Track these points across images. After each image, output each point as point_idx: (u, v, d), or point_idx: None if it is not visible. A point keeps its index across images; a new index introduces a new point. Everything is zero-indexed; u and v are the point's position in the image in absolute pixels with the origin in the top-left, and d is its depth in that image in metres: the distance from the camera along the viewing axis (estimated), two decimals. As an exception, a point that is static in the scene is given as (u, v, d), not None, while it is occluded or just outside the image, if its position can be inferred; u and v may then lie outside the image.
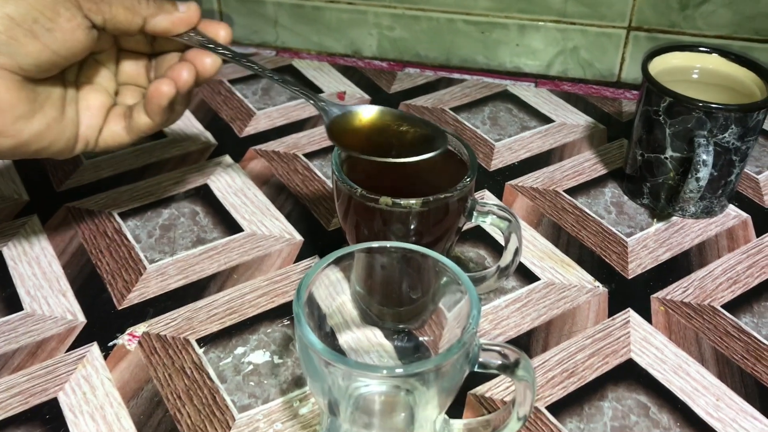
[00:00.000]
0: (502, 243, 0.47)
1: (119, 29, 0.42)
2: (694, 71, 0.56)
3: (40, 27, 0.38)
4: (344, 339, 0.40)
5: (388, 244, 0.37)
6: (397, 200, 0.39)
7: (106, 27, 0.41)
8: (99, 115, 0.45)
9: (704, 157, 0.49)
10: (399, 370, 0.31)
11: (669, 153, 0.53)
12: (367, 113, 0.44)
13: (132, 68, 0.47)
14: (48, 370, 0.43)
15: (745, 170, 0.61)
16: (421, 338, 0.43)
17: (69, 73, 0.44)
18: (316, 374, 0.33)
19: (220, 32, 0.45)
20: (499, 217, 0.43)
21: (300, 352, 0.33)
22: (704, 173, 0.49)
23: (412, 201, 0.40)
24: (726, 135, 0.51)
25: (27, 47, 0.38)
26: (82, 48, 0.41)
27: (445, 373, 0.32)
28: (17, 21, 0.37)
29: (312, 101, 0.44)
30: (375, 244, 0.37)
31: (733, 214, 0.56)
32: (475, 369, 0.34)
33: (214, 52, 0.44)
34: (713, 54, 0.56)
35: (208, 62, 0.44)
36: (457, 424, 0.38)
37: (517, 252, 0.44)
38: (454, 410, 0.41)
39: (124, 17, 0.41)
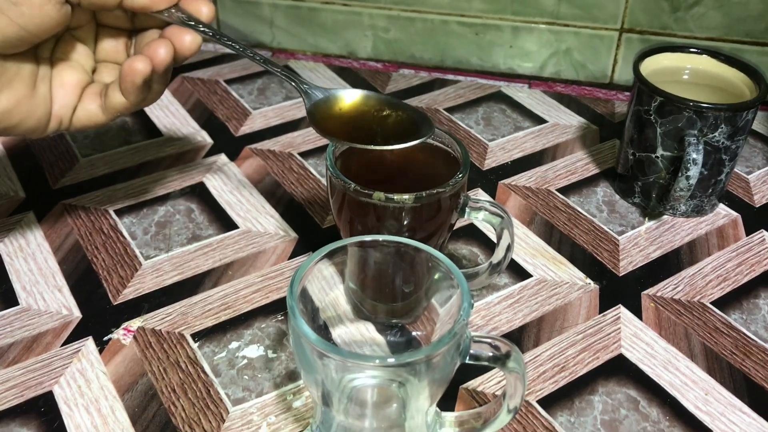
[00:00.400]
0: (495, 240, 0.47)
1: (96, 4, 0.40)
2: (685, 72, 0.57)
3: (6, 2, 0.37)
4: (337, 333, 0.41)
5: (380, 237, 0.37)
6: (390, 195, 0.40)
7: (82, 2, 0.40)
8: (73, 93, 0.44)
9: (694, 155, 0.50)
10: (391, 360, 0.31)
11: (660, 152, 0.53)
12: (350, 97, 0.43)
13: (111, 45, 0.46)
14: (43, 363, 0.43)
15: (736, 170, 0.62)
16: (413, 333, 0.43)
17: (43, 49, 0.43)
18: (309, 366, 0.33)
19: (203, 9, 0.43)
20: (492, 213, 0.43)
21: (293, 345, 0.34)
22: (694, 172, 0.50)
23: (405, 196, 0.40)
24: (716, 134, 0.51)
25: None
26: (53, 24, 0.39)
27: (437, 364, 0.32)
28: None
29: (293, 83, 0.44)
30: (367, 238, 0.37)
31: (723, 213, 0.57)
32: (467, 361, 0.34)
33: (195, 29, 0.42)
34: (703, 55, 0.57)
35: (188, 39, 0.42)
36: (449, 416, 0.39)
37: (509, 248, 0.44)
38: (447, 404, 0.41)
39: None
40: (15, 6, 0.37)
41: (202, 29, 0.43)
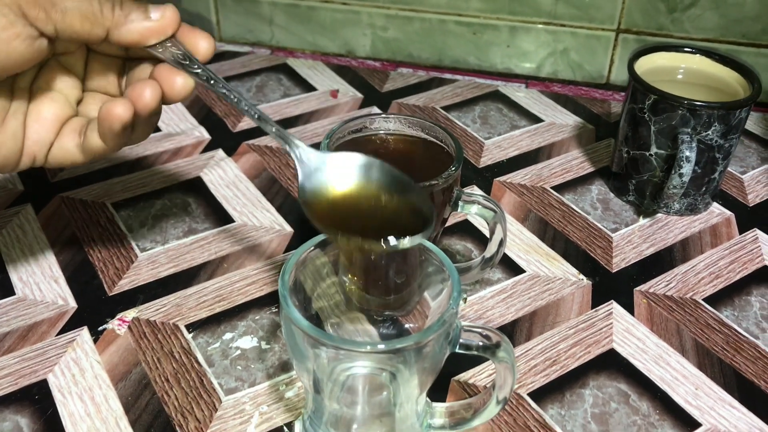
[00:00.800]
0: (488, 236, 0.48)
1: (76, 40, 0.36)
2: (679, 71, 0.57)
3: None
4: (330, 324, 0.41)
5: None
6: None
7: (59, 36, 0.35)
8: (51, 129, 0.39)
9: (687, 153, 0.50)
10: (381, 346, 0.32)
11: (654, 150, 0.54)
12: (345, 182, 0.36)
13: (101, 74, 0.41)
14: (38, 352, 0.44)
15: (730, 170, 0.62)
16: (406, 325, 0.43)
17: (21, 79, 0.39)
18: (301, 355, 0.33)
19: (201, 44, 0.38)
20: (484, 207, 0.44)
21: (285, 334, 0.34)
22: (687, 169, 0.50)
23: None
24: (709, 132, 0.52)
25: None
26: (23, 60, 0.35)
27: (426, 352, 0.33)
28: None
29: (287, 146, 0.38)
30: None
31: (716, 212, 0.57)
32: (457, 350, 0.34)
33: (188, 71, 0.37)
34: (697, 54, 0.57)
35: (179, 83, 0.37)
36: (439, 406, 0.39)
37: (501, 243, 0.44)
38: (438, 395, 0.42)
39: (81, 27, 0.35)
40: None
41: (196, 70, 0.37)
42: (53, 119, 0.39)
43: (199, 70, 0.37)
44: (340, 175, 0.36)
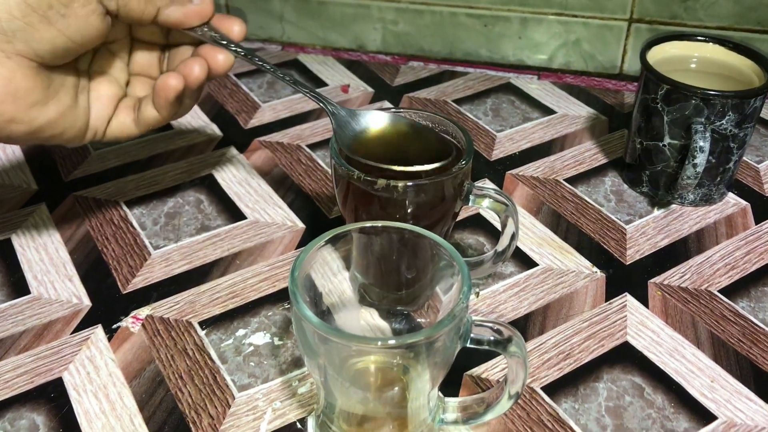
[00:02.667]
0: (500, 229, 0.47)
1: (132, 17, 0.42)
2: (693, 60, 0.57)
3: (54, 13, 0.38)
4: (341, 320, 0.41)
5: (379, 223, 0.37)
6: (392, 181, 0.40)
7: (119, 14, 0.41)
8: (109, 106, 0.46)
9: (701, 143, 0.49)
10: (391, 342, 0.32)
11: (667, 140, 0.53)
12: (376, 124, 0.45)
13: (145, 59, 0.47)
14: (53, 351, 0.44)
15: (746, 159, 0.61)
16: (417, 320, 0.43)
17: (81, 62, 0.44)
18: (311, 351, 0.33)
19: (234, 28, 0.45)
20: (496, 200, 0.43)
21: (296, 330, 0.34)
22: (701, 159, 0.50)
23: (409, 182, 0.40)
24: (723, 122, 0.51)
25: (42, 33, 0.38)
26: (97, 34, 0.41)
27: (437, 347, 0.33)
28: (33, 7, 0.37)
29: (322, 104, 0.44)
30: (368, 224, 0.37)
31: (732, 202, 0.56)
32: (468, 345, 0.34)
33: (227, 48, 0.44)
34: (711, 43, 0.56)
35: (221, 59, 0.44)
36: (452, 401, 0.39)
37: (513, 236, 0.44)
38: (451, 390, 0.42)
39: (137, 5, 0.41)
40: (63, 18, 0.38)
41: (233, 48, 0.44)
42: (110, 97, 0.46)
43: (236, 48, 0.44)
44: (369, 122, 0.45)
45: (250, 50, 0.45)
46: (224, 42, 0.44)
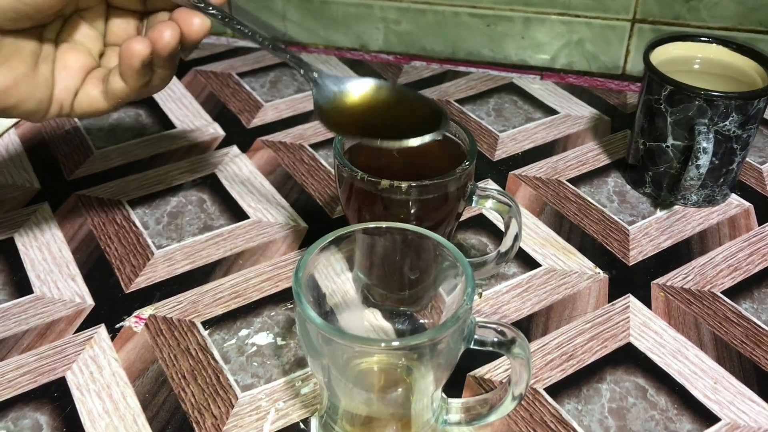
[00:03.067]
0: (503, 230, 0.48)
1: None
2: (696, 61, 0.57)
3: None
4: (344, 320, 0.41)
5: (384, 224, 0.37)
6: (395, 183, 0.40)
7: None
8: (76, 77, 0.42)
9: (704, 144, 0.49)
10: (395, 343, 0.32)
11: (670, 141, 0.53)
12: (360, 88, 0.40)
13: (121, 27, 0.44)
14: (57, 350, 0.44)
15: (749, 160, 0.61)
16: (421, 321, 0.43)
17: (49, 30, 0.41)
18: (315, 351, 0.33)
19: None
20: (499, 201, 0.43)
21: (300, 330, 0.34)
22: (704, 161, 0.50)
23: (413, 183, 0.40)
24: (727, 123, 0.51)
25: None
26: (54, 1, 0.38)
27: (441, 348, 0.33)
28: None
29: (301, 70, 0.41)
30: (372, 225, 0.37)
31: (735, 203, 0.56)
32: (471, 346, 0.34)
33: (204, 12, 0.40)
34: (714, 44, 0.56)
35: (196, 23, 0.40)
36: (455, 402, 0.39)
37: (516, 237, 0.44)
38: (454, 391, 0.42)
39: None
40: None
41: (212, 11, 0.40)
42: (79, 67, 0.42)
43: (214, 11, 0.40)
44: (353, 89, 0.41)
45: (228, 13, 0.40)
46: (201, 5, 0.40)
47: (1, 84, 0.39)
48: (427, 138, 0.37)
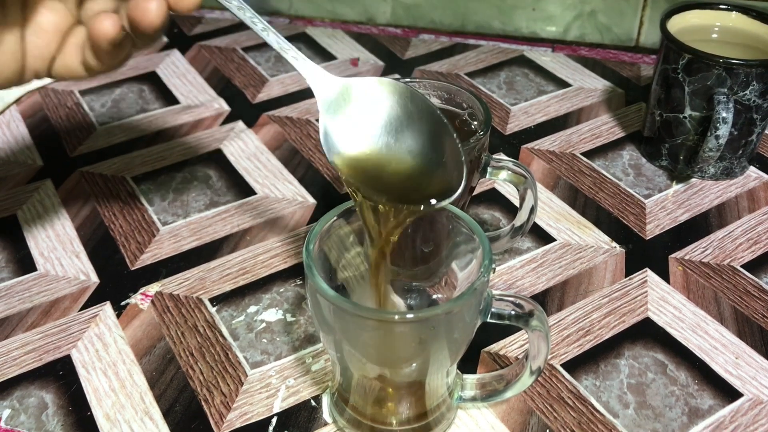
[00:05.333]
0: (517, 205, 0.46)
1: None
2: (714, 30, 0.55)
3: None
4: (356, 296, 0.40)
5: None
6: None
7: None
8: (52, 42, 0.36)
9: (724, 114, 0.48)
10: (409, 316, 0.30)
11: (688, 112, 0.52)
12: (371, 130, 0.33)
13: None
14: (61, 328, 0.43)
15: None
16: (434, 296, 0.42)
17: None
18: (327, 326, 0.32)
19: None
20: (514, 173, 0.42)
21: (311, 304, 0.33)
22: (724, 131, 0.48)
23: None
24: (747, 92, 0.49)
25: None
26: None
27: (457, 321, 0.32)
28: None
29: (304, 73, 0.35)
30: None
31: (754, 176, 0.55)
32: (489, 319, 0.33)
33: None
34: (734, 12, 0.54)
35: None
36: (470, 378, 0.38)
37: (532, 210, 0.43)
38: (469, 367, 0.41)
39: None
40: None
41: None
42: (53, 31, 0.36)
43: None
44: (365, 117, 0.33)
45: None
46: None
47: None
48: (437, 204, 0.31)
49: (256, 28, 0.34)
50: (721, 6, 0.55)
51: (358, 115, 0.33)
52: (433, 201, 0.31)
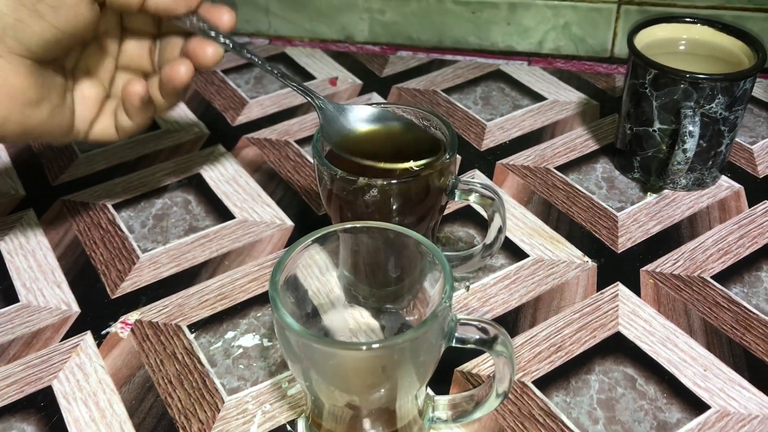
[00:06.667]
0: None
1: (119, 4, 0.41)
2: (681, 42, 0.56)
3: (44, 5, 0.38)
4: (329, 319, 0.41)
5: (363, 224, 0.37)
6: (373, 180, 0.39)
7: (107, 2, 0.40)
8: (93, 108, 0.45)
9: (690, 128, 0.49)
10: (375, 345, 0.31)
11: (657, 126, 0.52)
12: (364, 120, 0.45)
13: (135, 49, 0.46)
14: (43, 359, 0.44)
15: (739, 140, 0.60)
16: (407, 318, 0.43)
17: (68, 60, 0.44)
18: (294, 356, 0.33)
19: (224, 17, 0.44)
20: (482, 195, 0.43)
21: (278, 336, 0.34)
22: (691, 144, 0.49)
23: (391, 180, 0.40)
24: (713, 105, 0.50)
25: (33, 27, 0.38)
26: (87, 23, 0.40)
27: (422, 348, 0.32)
28: (22, 1, 0.37)
29: (309, 98, 0.44)
30: (350, 224, 0.37)
31: (725, 186, 0.56)
32: (453, 344, 0.34)
33: (216, 41, 0.43)
34: (699, 24, 0.55)
35: (210, 51, 0.43)
36: (442, 399, 0.39)
37: (500, 230, 0.44)
38: (441, 387, 0.41)
39: None
40: (53, 10, 0.38)
41: (222, 41, 0.43)
42: (95, 99, 0.45)
43: (225, 40, 0.43)
44: (357, 118, 0.45)
45: (238, 43, 0.44)
46: (213, 34, 0.43)
47: (44, 115, 0.41)
48: (421, 162, 0.41)
49: (283, 80, 0.45)
50: (687, 19, 0.56)
51: (352, 116, 0.45)
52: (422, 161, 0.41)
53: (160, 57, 0.47)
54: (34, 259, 0.51)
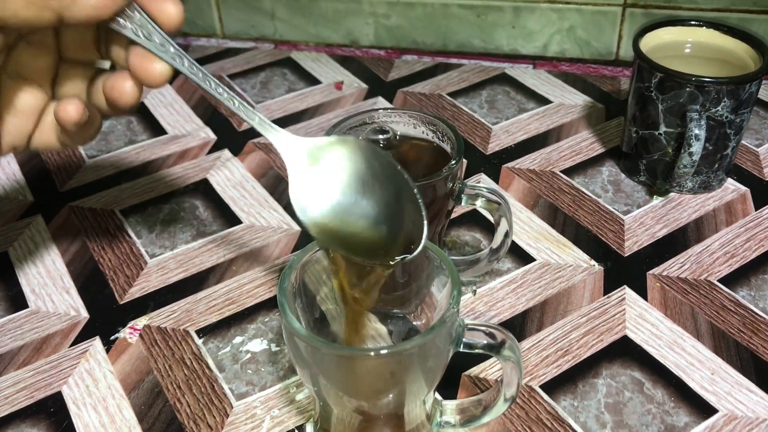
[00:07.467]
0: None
1: (26, 27, 0.32)
2: (687, 46, 0.56)
3: None
4: (337, 325, 0.41)
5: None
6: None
7: (7, 26, 0.32)
8: (29, 121, 0.37)
9: (696, 131, 0.49)
10: (383, 351, 0.31)
11: (663, 129, 0.53)
12: (336, 189, 0.35)
13: (77, 42, 0.37)
14: (52, 365, 0.44)
15: (745, 143, 0.60)
16: (414, 322, 0.43)
17: None
18: (303, 361, 0.33)
19: (167, 8, 0.33)
20: (488, 200, 0.43)
21: (287, 341, 0.34)
22: (697, 148, 0.49)
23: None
24: (719, 108, 0.50)
25: None
26: None
27: (430, 353, 0.33)
28: None
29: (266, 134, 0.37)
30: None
31: (731, 188, 0.56)
32: (461, 349, 0.34)
33: (163, 59, 0.34)
34: (705, 27, 0.55)
35: (158, 70, 0.34)
36: (450, 404, 0.39)
37: (507, 235, 0.44)
38: (449, 391, 0.42)
39: (26, 12, 0.31)
40: None
41: (165, 57, 0.34)
42: (30, 112, 0.37)
43: (170, 57, 0.34)
44: (332, 177, 0.35)
45: (182, 53, 0.34)
46: (156, 40, 0.33)
47: None
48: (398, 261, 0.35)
49: (222, 98, 0.36)
50: (693, 22, 0.56)
51: (326, 177, 0.35)
52: (397, 258, 0.34)
53: (106, 49, 0.37)
54: (43, 265, 0.51)
